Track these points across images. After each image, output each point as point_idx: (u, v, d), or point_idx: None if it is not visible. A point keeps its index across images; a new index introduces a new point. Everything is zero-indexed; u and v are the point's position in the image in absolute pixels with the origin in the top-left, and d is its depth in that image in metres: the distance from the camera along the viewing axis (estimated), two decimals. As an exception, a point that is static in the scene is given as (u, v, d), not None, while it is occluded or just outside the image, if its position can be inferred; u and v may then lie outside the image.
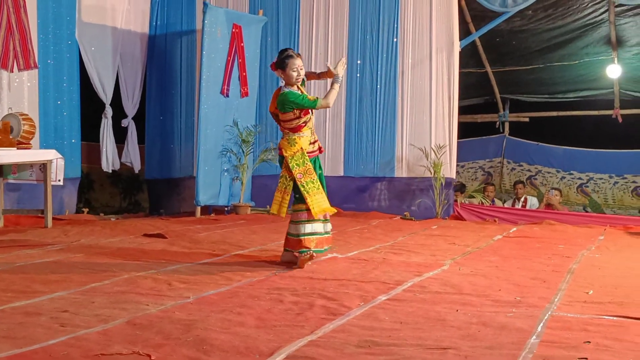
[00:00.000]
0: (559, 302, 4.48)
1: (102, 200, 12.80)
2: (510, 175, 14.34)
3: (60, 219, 9.29)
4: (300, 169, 5.92)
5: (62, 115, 10.05)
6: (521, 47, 12.77)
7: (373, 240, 7.61)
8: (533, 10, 11.31)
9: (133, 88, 11.58)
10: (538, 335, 3.64)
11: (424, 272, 5.55)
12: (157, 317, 3.95)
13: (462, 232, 8.57)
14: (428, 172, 10.21)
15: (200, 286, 4.88)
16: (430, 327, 3.80)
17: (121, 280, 5.05)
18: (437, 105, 10.39)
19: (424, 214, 10.30)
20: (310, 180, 5.92)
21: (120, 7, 11.26)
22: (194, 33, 11.61)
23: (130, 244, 7.07)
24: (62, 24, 10.08)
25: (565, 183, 13.68)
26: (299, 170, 5.91)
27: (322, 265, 5.88)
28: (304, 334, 3.63)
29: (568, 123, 13.94)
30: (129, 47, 11.46)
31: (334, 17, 10.96)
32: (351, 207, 10.70)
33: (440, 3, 10.38)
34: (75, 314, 3.98)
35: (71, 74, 10.22)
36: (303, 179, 5.90)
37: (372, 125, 10.72)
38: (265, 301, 4.42)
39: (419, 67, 10.49)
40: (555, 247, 7.22)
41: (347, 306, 4.27)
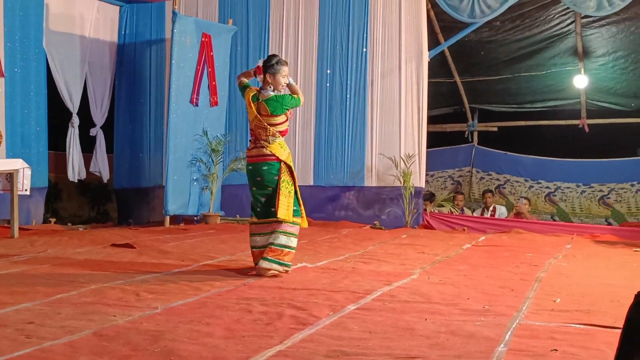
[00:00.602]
0: (526, 310, 4.51)
1: (70, 210, 12.68)
2: (479, 184, 14.42)
3: (26, 229, 9.18)
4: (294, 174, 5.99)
5: (29, 124, 9.95)
6: (489, 58, 12.88)
7: (343, 250, 7.61)
8: (501, 22, 11.43)
9: (102, 97, 11.50)
10: (506, 344, 3.66)
11: (393, 281, 5.55)
12: (125, 328, 3.91)
13: (432, 241, 8.60)
14: (398, 181, 10.24)
15: (169, 296, 4.84)
16: (399, 337, 3.81)
17: (88, 291, 5.00)
18: (407, 115, 10.44)
19: (393, 223, 10.33)
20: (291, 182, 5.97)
21: (89, 16, 11.20)
22: (164, 42, 11.57)
23: (98, 255, 7.00)
24: (29, 32, 9.99)
25: (533, 192, 13.79)
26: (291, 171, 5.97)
27: (291, 274, 5.87)
28: (273, 344, 3.61)
29: (536, 133, 14.08)
30: (97, 56, 11.39)
31: (304, 26, 10.98)
32: (321, 216, 10.70)
33: (410, 13, 10.43)
34: (41, 326, 3.93)
35: (38, 83, 10.12)
36: (296, 185, 5.97)
37: (341, 134, 10.74)
38: (234, 311, 4.40)
39: (388, 76, 10.53)
40: (524, 256, 7.27)
41: (316, 316, 4.26)
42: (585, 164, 13.48)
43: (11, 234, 8.42)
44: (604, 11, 9.59)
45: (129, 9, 11.82)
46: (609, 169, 13.20)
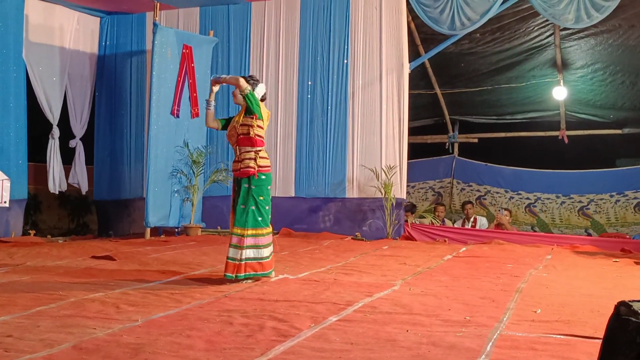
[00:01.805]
0: (507, 321, 4.52)
1: (49, 222, 12.59)
2: (460, 195, 14.47)
3: (5, 242, 9.11)
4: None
5: (8, 135, 9.89)
6: (470, 69, 12.95)
7: (324, 261, 7.60)
8: (481, 34, 11.50)
9: (81, 108, 11.45)
10: (487, 355, 3.66)
11: (374, 292, 5.55)
12: (105, 341, 3.88)
13: (413, 252, 8.62)
14: (379, 192, 10.26)
15: (149, 309, 4.81)
16: (381, 348, 3.80)
17: (68, 304, 4.96)
18: (388, 126, 10.46)
19: (375, 234, 10.34)
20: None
21: (69, 27, 11.16)
22: (144, 53, 11.55)
23: (78, 267, 6.95)
24: (8, 43, 9.94)
25: (513, 203, 13.85)
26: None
27: (273, 286, 5.86)
28: (254, 356, 3.60)
29: (516, 144, 14.16)
30: (77, 67, 11.35)
31: (285, 38, 11.00)
32: (302, 227, 10.69)
33: (390, 25, 10.48)
34: (20, 339, 3.89)
35: (18, 94, 10.07)
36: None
37: (323, 146, 10.75)
38: (215, 323, 4.38)
39: (369, 88, 10.56)
40: (504, 267, 7.29)
41: (297, 327, 4.25)
42: (564, 175, 13.56)
43: (-10, 247, 8.36)
44: (583, 24, 9.68)
45: (109, 20, 11.80)
46: (589, 180, 13.29)
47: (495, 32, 11.54)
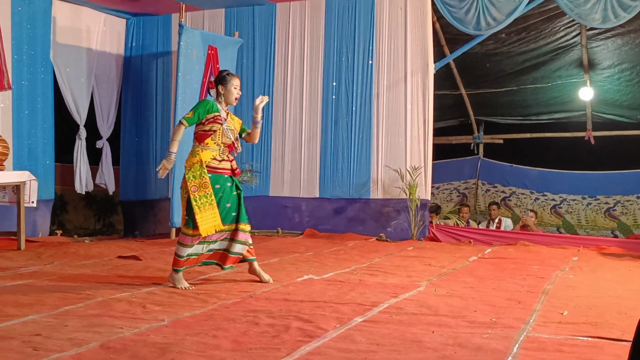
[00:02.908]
0: (534, 322, 4.50)
1: (75, 222, 12.70)
2: (484, 196, 14.40)
3: (33, 241, 9.20)
4: (196, 182, 5.87)
5: (36, 136, 9.99)
6: (495, 70, 12.88)
7: (349, 262, 7.61)
8: (506, 34, 11.44)
9: (108, 109, 11.53)
10: (514, 357, 3.65)
11: (400, 293, 5.55)
12: (132, 340, 3.91)
13: (438, 253, 8.60)
14: (403, 193, 10.23)
15: (175, 309, 4.84)
16: (407, 349, 3.80)
17: (95, 303, 5.00)
18: (412, 127, 10.44)
19: (399, 235, 10.32)
20: (204, 194, 5.86)
21: (96, 29, 11.24)
22: (170, 54, 11.61)
23: (104, 267, 7.01)
24: (36, 45, 10.03)
25: (539, 204, 13.76)
26: (194, 183, 5.87)
27: (298, 287, 5.87)
28: (280, 356, 3.61)
29: (542, 145, 14.06)
30: (104, 69, 11.43)
31: (310, 39, 11.01)
32: (327, 228, 10.69)
33: (415, 26, 10.45)
34: (48, 338, 3.93)
35: (45, 95, 10.16)
36: (197, 193, 5.84)
37: (347, 147, 10.74)
38: (241, 324, 4.39)
39: (394, 89, 10.54)
40: (530, 268, 7.26)
41: (323, 328, 4.26)
42: (591, 176, 13.45)
43: (18, 246, 8.44)
44: (610, 23, 9.59)
45: (135, 21, 11.87)
46: (615, 181, 13.17)
47: (521, 32, 11.47)
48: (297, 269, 6.96)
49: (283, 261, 7.64)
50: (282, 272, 6.73)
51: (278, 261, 7.63)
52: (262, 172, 11.11)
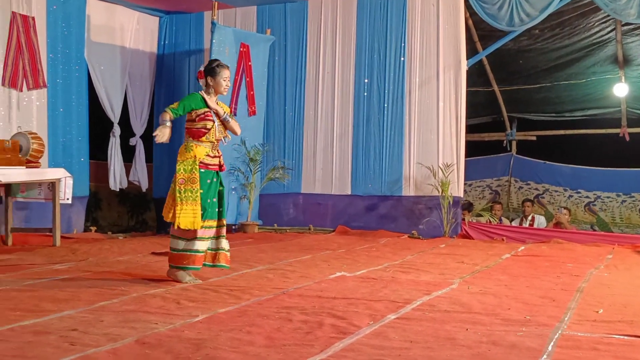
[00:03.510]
0: (568, 321, 4.47)
1: (109, 219, 12.82)
2: (517, 193, 14.31)
3: (68, 238, 9.31)
4: (185, 175, 5.89)
5: (70, 134, 10.10)
6: (528, 66, 12.78)
7: (381, 259, 7.60)
8: (540, 30, 11.34)
9: (141, 107, 11.63)
10: (549, 355, 3.62)
11: (433, 290, 5.53)
12: (167, 336, 3.94)
13: (471, 250, 8.56)
14: (436, 190, 10.20)
15: (209, 305, 4.87)
16: (440, 346, 3.79)
17: (130, 299, 5.05)
18: (445, 124, 10.39)
19: (431, 232, 10.28)
20: (190, 189, 5.88)
21: (129, 27, 11.34)
22: (202, 52, 11.66)
23: (138, 263, 7.08)
24: (71, 43, 10.15)
25: (572, 202, 13.64)
26: (182, 176, 5.89)
27: (330, 284, 5.88)
28: (314, 353, 3.62)
29: (575, 141, 13.92)
30: (137, 66, 11.52)
31: (342, 36, 11.00)
32: (359, 225, 10.69)
33: (448, 22, 10.40)
34: (85, 333, 3.98)
35: (80, 93, 10.28)
36: (183, 186, 5.86)
37: (379, 143, 10.72)
38: (274, 320, 4.41)
39: (426, 86, 10.50)
40: (564, 266, 7.20)
41: (356, 325, 4.26)
42: (625, 173, 13.30)
43: (53, 242, 8.55)
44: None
45: (168, 19, 11.95)
46: (650, 178, 13.03)
47: (554, 28, 11.36)
48: (330, 266, 6.97)
49: (315, 258, 7.65)
50: (315, 269, 6.74)
51: (310, 258, 7.64)
52: (294, 169, 11.14)
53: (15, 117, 9.27)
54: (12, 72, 9.22)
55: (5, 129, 9.06)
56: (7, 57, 9.17)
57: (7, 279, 5.91)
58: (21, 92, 9.36)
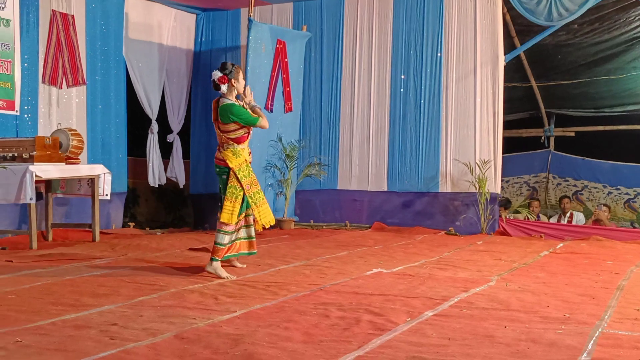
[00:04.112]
0: (609, 319, 4.42)
1: (147, 215, 12.92)
2: (555, 190, 14.16)
3: (107, 233, 9.41)
4: (248, 180, 6.17)
5: (109, 130, 10.21)
6: (567, 61, 12.63)
7: (418, 256, 7.57)
8: (579, 24, 11.19)
9: (178, 104, 11.70)
10: (589, 353, 3.59)
11: (470, 287, 5.51)
12: (205, 331, 3.97)
13: (508, 247, 8.49)
14: (473, 187, 10.13)
15: (247, 300, 4.90)
16: (479, 344, 3.77)
17: (168, 294, 5.10)
18: (482, 120, 10.32)
19: (468, 229, 10.22)
20: (257, 191, 6.23)
21: (167, 24, 11.41)
22: (239, 49, 11.71)
23: (176, 258, 7.13)
24: (109, 40, 10.25)
25: (612, 198, 13.47)
26: (246, 182, 6.15)
27: (367, 280, 5.88)
28: (351, 349, 3.62)
29: (615, 137, 13.73)
30: (174, 63, 11.60)
31: (378, 32, 10.97)
32: (395, 222, 10.66)
33: (485, 18, 10.32)
34: (124, 328, 4.02)
35: (118, 90, 10.38)
36: (250, 190, 6.17)
37: (416, 140, 10.68)
38: (312, 316, 4.42)
39: (463, 81, 10.44)
40: (604, 263, 7.12)
41: (393, 322, 4.25)
42: (666, 169, 13.11)
43: (93, 238, 8.65)
44: (688, 12, 9.32)
45: (205, 16, 12.01)
46: (692, 174, 12.83)
47: (594, 23, 11.21)
48: (366, 263, 6.96)
49: (352, 254, 7.65)
50: (351, 266, 6.74)
51: (347, 254, 7.64)
52: (330, 165, 11.13)
53: (55, 114, 9.38)
54: (52, 69, 9.33)
55: (45, 126, 9.18)
56: (47, 55, 9.28)
57: (48, 274, 6.00)
58: (61, 89, 9.47)
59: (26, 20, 8.99)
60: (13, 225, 8.76)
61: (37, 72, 9.17)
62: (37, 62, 9.17)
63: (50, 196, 8.90)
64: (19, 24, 8.82)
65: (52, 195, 8.94)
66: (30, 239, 7.84)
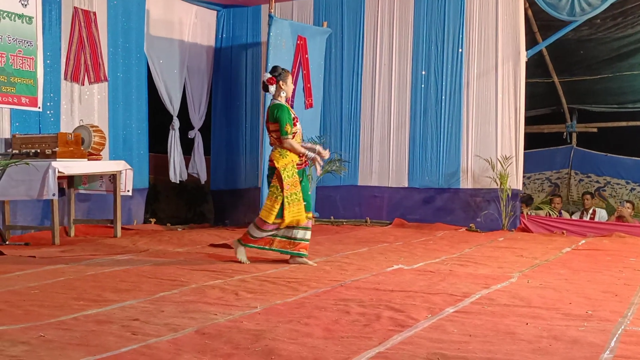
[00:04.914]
0: (632, 316, 4.39)
1: (168, 211, 12.96)
2: (577, 186, 14.07)
3: (128, 229, 9.47)
4: (289, 181, 6.37)
5: (130, 127, 10.26)
6: (589, 57, 12.53)
7: (439, 252, 7.56)
8: (601, 19, 11.10)
9: (199, 100, 11.73)
10: (612, 350, 3.56)
11: (491, 284, 5.48)
12: (226, 326, 3.99)
13: (530, 244, 8.45)
14: (494, 183, 10.08)
15: (267, 296, 4.91)
16: (500, 341, 3.75)
17: (189, 290, 5.12)
18: (503, 116, 10.27)
19: (489, 225, 10.17)
20: (295, 192, 6.41)
21: (188, 21, 11.44)
22: (259, 45, 11.71)
23: (197, 254, 7.16)
24: (131, 37, 10.30)
25: (635, 195, 13.35)
26: (288, 182, 6.36)
27: (388, 276, 5.87)
28: (372, 345, 3.62)
29: (638, 133, 13.60)
30: (195, 60, 11.63)
31: (399, 28, 10.94)
32: (415, 218, 10.63)
33: (507, 13, 10.27)
34: (146, 323, 4.04)
35: (139, 87, 10.43)
36: (289, 190, 6.36)
37: (436, 136, 10.65)
38: (332, 312, 4.42)
39: (484, 77, 10.39)
40: (627, 260, 7.07)
41: (414, 318, 4.25)
42: (689, 165, 12.99)
43: (114, 234, 8.70)
44: None
45: (225, 13, 12.03)
46: None
47: (617, 17, 11.11)
48: (387, 259, 6.96)
49: (372, 251, 7.64)
50: (372, 262, 6.74)
51: (367, 250, 7.64)
52: (351, 161, 11.13)
53: (77, 111, 9.43)
54: (74, 66, 9.39)
55: (67, 122, 9.23)
56: (69, 52, 9.33)
57: (70, 270, 6.04)
58: (83, 85, 9.52)
59: (48, 18, 9.05)
60: (36, 221, 8.82)
61: (59, 69, 9.22)
62: (59, 59, 9.22)
63: (72, 192, 8.96)
64: (41, 21, 8.88)
65: (74, 191, 9.00)
66: (52, 234, 7.90)
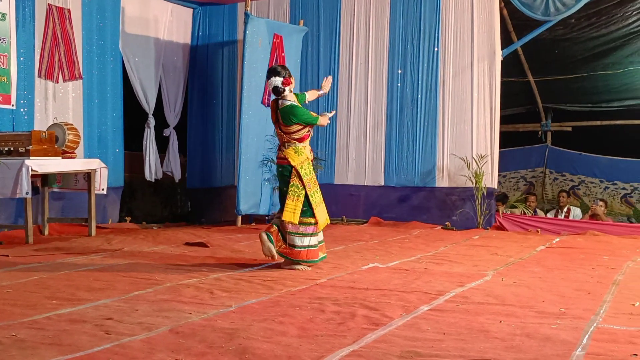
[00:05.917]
0: (604, 313, 4.42)
1: (143, 209, 12.90)
2: (552, 185, 14.17)
3: (103, 228, 9.41)
4: (308, 178, 6.25)
5: (105, 124, 10.19)
6: (564, 56, 12.62)
7: (414, 250, 7.58)
8: (576, 19, 11.18)
9: (175, 98, 11.68)
10: (583, 348, 3.59)
11: (466, 282, 5.51)
12: (200, 325, 3.97)
13: (505, 242, 8.49)
14: (469, 181, 10.13)
15: (242, 295, 4.90)
16: (473, 338, 3.77)
17: (164, 289, 5.10)
18: (479, 115, 10.31)
19: (465, 224, 10.22)
20: (315, 190, 6.30)
21: (163, 18, 11.39)
22: (236, 43, 11.69)
23: (172, 253, 7.13)
24: (106, 35, 10.23)
25: (609, 193, 13.48)
26: (307, 180, 6.23)
27: (363, 274, 5.88)
28: (346, 343, 3.62)
29: (612, 132, 13.73)
30: (171, 58, 11.58)
31: (375, 26, 10.95)
32: (391, 216, 10.66)
33: (482, 12, 10.31)
34: (119, 322, 4.02)
35: (115, 84, 10.36)
36: (310, 190, 6.22)
37: (412, 134, 10.67)
38: (307, 310, 4.42)
39: (460, 76, 10.43)
40: (600, 258, 7.12)
41: (389, 316, 4.26)
42: (663, 164, 13.11)
43: (89, 232, 8.64)
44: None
45: (202, 11, 11.98)
46: (688, 169, 12.83)
47: (591, 17, 11.20)
48: (362, 257, 6.97)
49: (348, 249, 7.65)
50: (347, 260, 6.74)
51: (343, 249, 7.65)
52: (327, 160, 11.13)
53: (51, 108, 9.36)
54: (48, 63, 9.31)
55: (41, 120, 9.15)
56: (43, 49, 9.26)
57: (44, 268, 6.00)
58: (57, 83, 9.45)
59: (22, 14, 8.96)
60: (9, 220, 8.75)
61: (33, 66, 9.14)
62: (33, 56, 9.14)
63: (46, 190, 8.89)
64: (14, 17, 8.79)
65: (48, 190, 8.93)
66: (26, 233, 7.83)
